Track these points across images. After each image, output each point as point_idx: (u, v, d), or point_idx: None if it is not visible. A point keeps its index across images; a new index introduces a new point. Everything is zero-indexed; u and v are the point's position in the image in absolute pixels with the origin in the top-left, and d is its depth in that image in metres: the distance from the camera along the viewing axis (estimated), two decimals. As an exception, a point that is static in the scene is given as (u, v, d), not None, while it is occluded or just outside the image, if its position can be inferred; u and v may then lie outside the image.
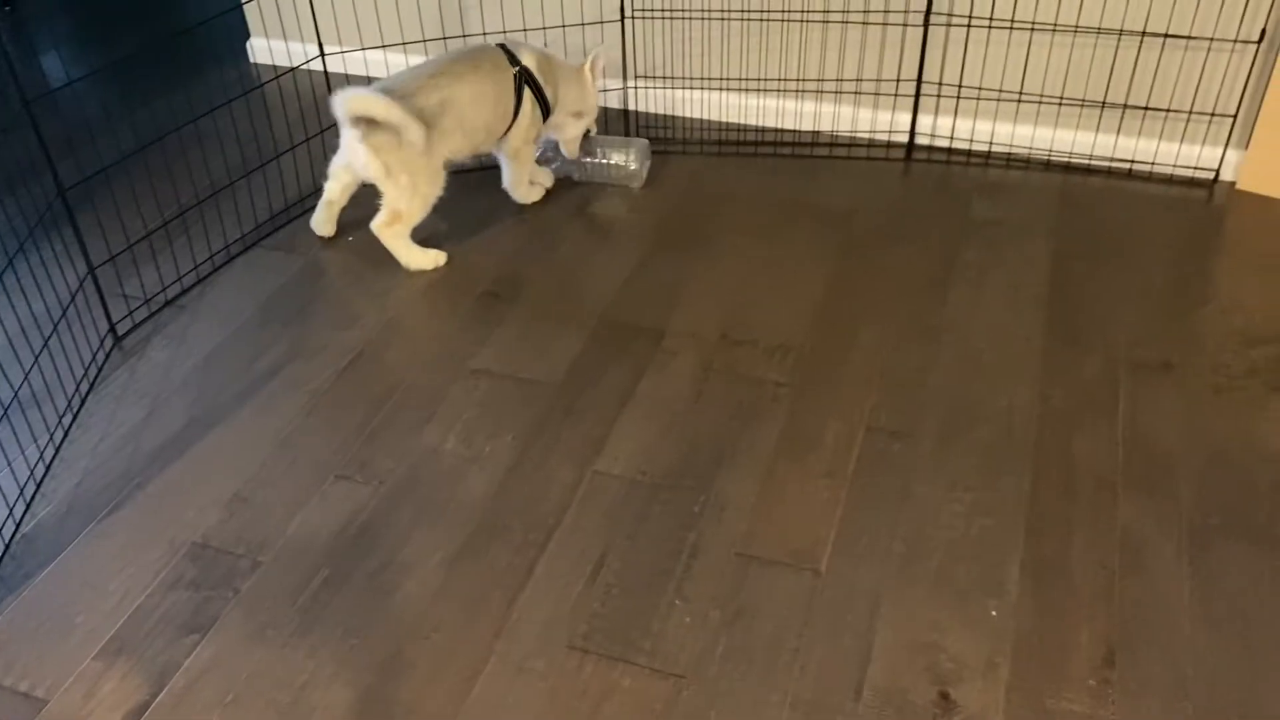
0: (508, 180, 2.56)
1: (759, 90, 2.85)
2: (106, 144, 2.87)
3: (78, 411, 2.02)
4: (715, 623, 1.59)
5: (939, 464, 1.84)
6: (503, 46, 2.41)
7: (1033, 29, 2.54)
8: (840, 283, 2.30)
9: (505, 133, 2.44)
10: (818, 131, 2.86)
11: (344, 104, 2.17)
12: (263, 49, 3.28)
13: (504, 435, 1.93)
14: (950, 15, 2.58)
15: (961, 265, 2.34)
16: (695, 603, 1.62)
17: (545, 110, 2.47)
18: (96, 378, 2.11)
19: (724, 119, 2.93)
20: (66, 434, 1.97)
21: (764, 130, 2.89)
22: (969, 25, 2.58)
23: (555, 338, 2.17)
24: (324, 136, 2.75)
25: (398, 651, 1.56)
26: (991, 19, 2.55)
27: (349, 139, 2.25)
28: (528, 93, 2.42)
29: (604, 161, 2.64)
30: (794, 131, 2.87)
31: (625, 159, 2.63)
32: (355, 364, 2.12)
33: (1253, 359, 2.06)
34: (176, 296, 2.32)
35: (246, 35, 3.32)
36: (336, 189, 2.43)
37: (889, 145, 2.79)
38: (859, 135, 2.83)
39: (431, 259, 2.38)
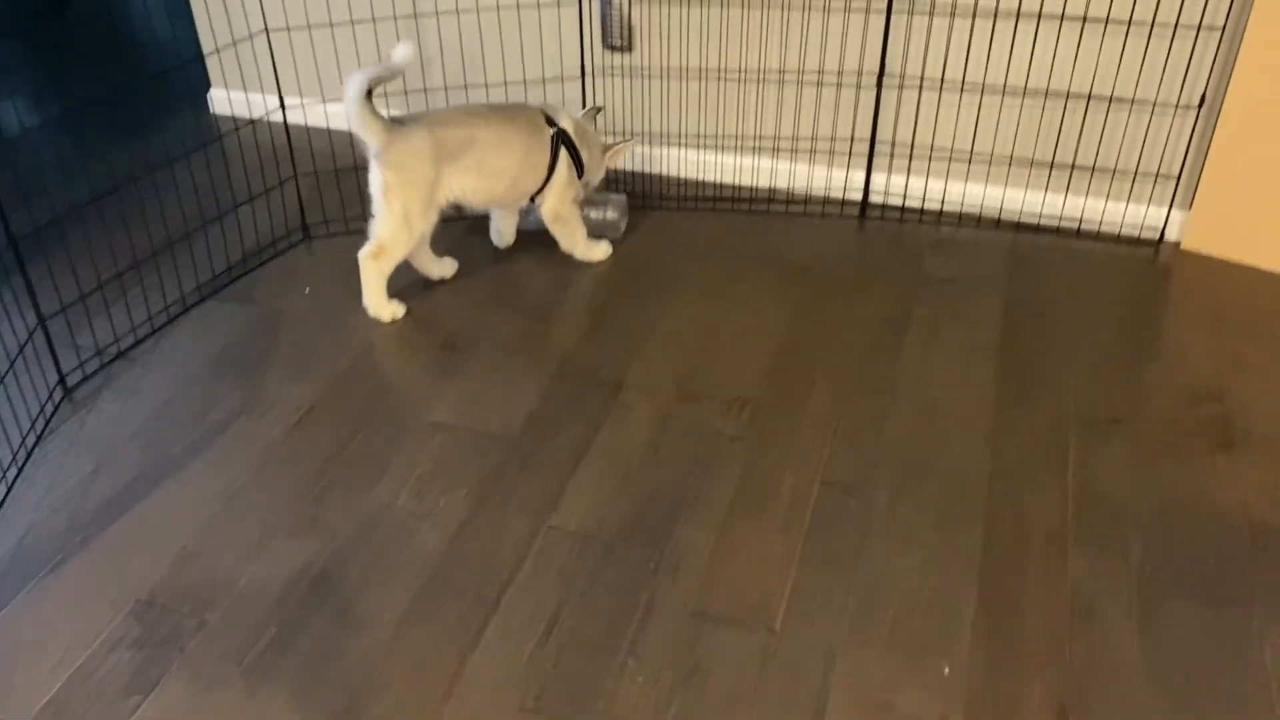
0: (563, 244, 2.57)
1: (717, 147, 2.89)
2: (62, 193, 2.84)
3: (23, 465, 1.99)
4: (668, 683, 1.58)
5: (893, 519, 1.85)
6: (542, 111, 2.44)
7: (982, 91, 2.60)
8: (797, 336, 2.32)
9: (539, 192, 2.46)
10: (775, 189, 2.90)
11: (349, 90, 2.17)
12: (223, 100, 3.28)
13: (458, 490, 1.92)
14: (902, 77, 2.64)
15: (915, 320, 2.37)
16: (648, 662, 1.61)
17: (580, 173, 2.49)
18: (44, 430, 2.07)
19: (683, 175, 2.96)
20: (10, 488, 1.93)
21: (723, 186, 2.93)
22: (920, 87, 2.64)
23: (513, 390, 2.16)
24: (282, 188, 2.75)
25: (346, 712, 1.53)
26: (942, 81, 2.61)
27: (369, 156, 2.27)
28: (564, 153, 2.44)
29: (585, 215, 2.66)
30: (752, 188, 2.91)
31: (603, 214, 2.68)
32: (308, 418, 2.10)
33: (1198, 415, 2.09)
34: (129, 348, 2.29)
35: (207, 86, 3.32)
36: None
37: (844, 203, 2.84)
38: (815, 192, 2.87)
39: (390, 312, 2.38)
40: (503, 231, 2.63)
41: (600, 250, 2.60)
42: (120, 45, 3.79)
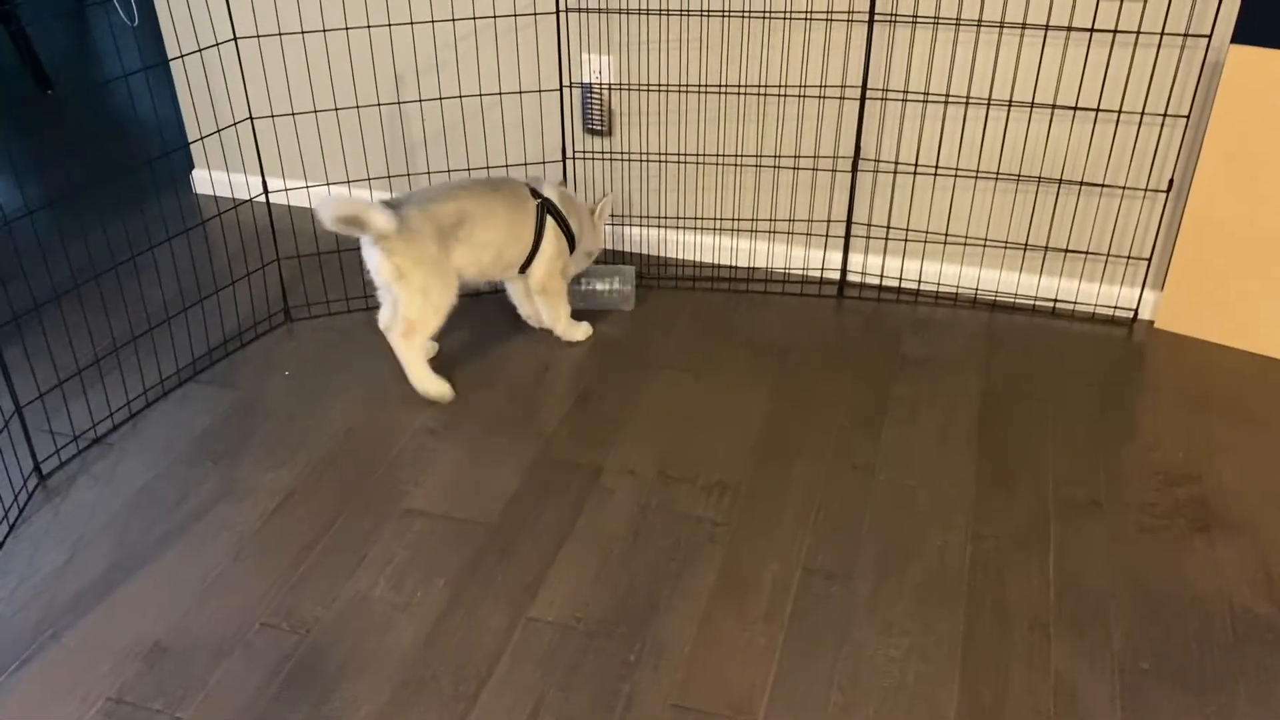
0: (546, 318, 2.58)
1: (696, 228, 2.93)
2: (41, 278, 2.85)
3: (-6, 556, 1.96)
4: (650, 779, 1.55)
5: (875, 606, 1.84)
6: (526, 184, 2.47)
7: (956, 175, 2.65)
8: (776, 418, 2.33)
9: (527, 265, 2.47)
10: (754, 268, 2.93)
11: (327, 213, 2.17)
12: (205, 181, 3.31)
13: (436, 580, 1.90)
14: (878, 161, 2.69)
15: (894, 401, 2.38)
16: (629, 757, 1.58)
17: (571, 243, 2.52)
18: (17, 519, 2.05)
19: (663, 254, 2.99)
20: (-20, 580, 1.91)
21: (702, 265, 2.96)
22: (895, 171, 2.69)
23: (493, 475, 2.16)
24: (264, 271, 2.76)
25: (319, 815, 1.50)
26: (916, 165, 2.66)
27: (365, 246, 2.27)
28: (551, 224, 2.46)
29: (594, 288, 2.72)
30: (732, 268, 2.94)
31: (611, 285, 2.73)
32: (286, 504, 2.08)
33: (1176, 497, 2.10)
34: (106, 434, 2.28)
35: (190, 166, 3.35)
36: (388, 315, 2.42)
37: (822, 282, 2.87)
38: (793, 272, 2.90)
39: (439, 388, 2.37)
40: (531, 314, 2.63)
41: (581, 330, 2.62)
42: (105, 129, 3.83)
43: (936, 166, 2.65)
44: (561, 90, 2.78)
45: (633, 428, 2.30)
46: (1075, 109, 2.49)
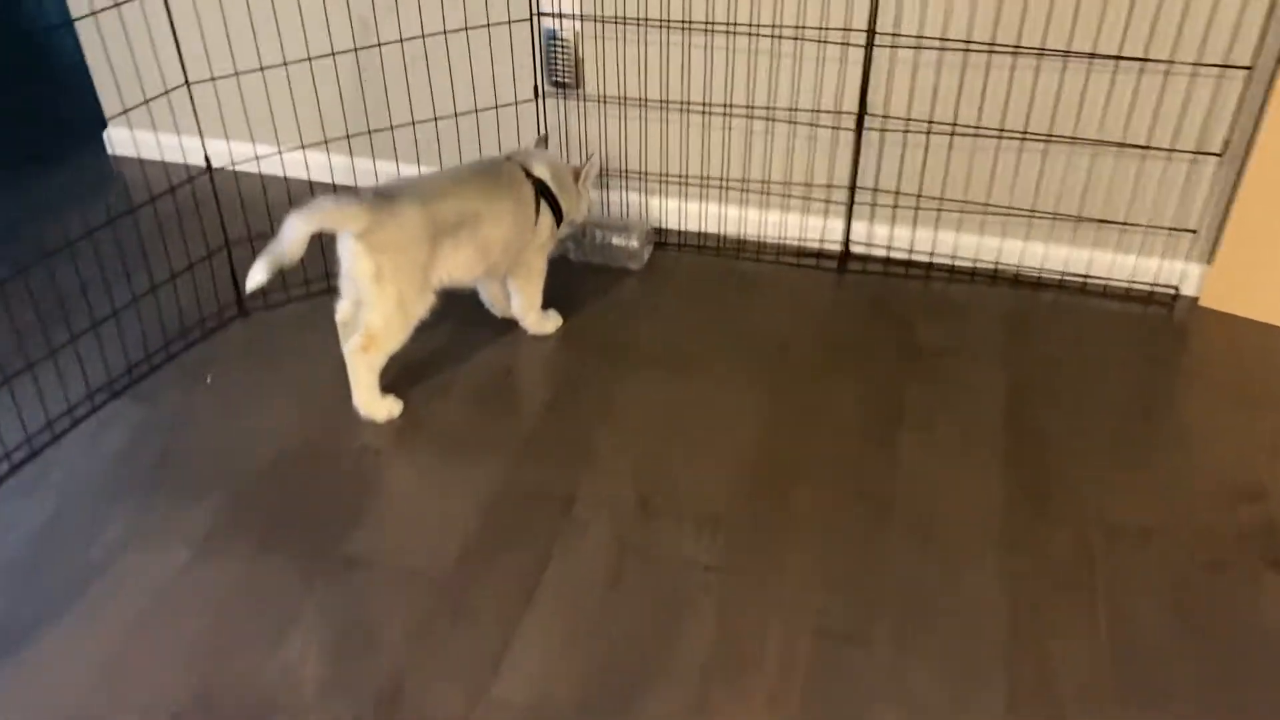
0: (519, 306, 2.26)
1: (679, 191, 2.58)
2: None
3: None
4: None
5: (899, 675, 1.56)
6: (510, 159, 2.15)
7: (976, 134, 2.31)
8: (774, 429, 2.02)
9: None
10: (744, 237, 2.59)
11: (296, 234, 1.83)
12: (125, 141, 2.91)
13: (378, 652, 1.60)
14: (886, 117, 2.34)
15: (908, 406, 2.08)
16: None
17: (558, 219, 2.21)
18: (-118, 577, 1.73)
19: (642, 219, 2.64)
20: None
21: (686, 234, 2.61)
22: (906, 130, 2.34)
23: (447, 510, 1.85)
24: (211, 261, 2.37)
25: None
26: (931, 123, 2.31)
27: (342, 236, 1.92)
28: (544, 207, 2.15)
29: (610, 242, 2.49)
30: (718, 236, 2.60)
31: (626, 241, 2.47)
32: (202, 553, 1.77)
33: (1240, 522, 1.82)
34: (6, 475, 1.93)
35: (101, 124, 2.94)
36: (346, 307, 2.07)
37: (821, 254, 2.54)
38: (788, 242, 2.57)
39: (385, 410, 2.05)
40: (496, 300, 2.30)
41: (551, 322, 2.29)
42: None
43: (954, 125, 2.30)
44: (532, 19, 2.40)
45: (609, 444, 1.99)
46: (1117, 59, 2.14)
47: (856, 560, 1.75)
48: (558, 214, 2.19)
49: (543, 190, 2.15)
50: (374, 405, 2.03)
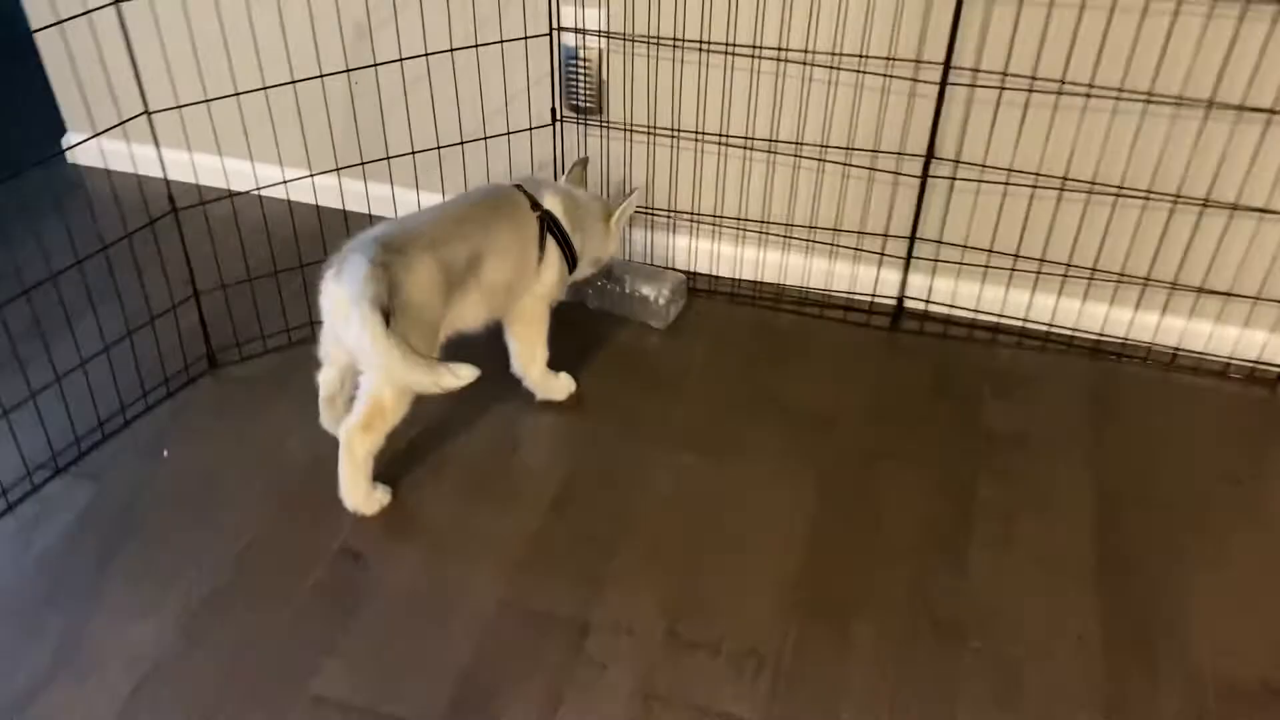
0: (517, 359, 1.94)
1: (712, 232, 2.27)
2: None
3: None
4: None
5: None
6: (520, 187, 1.84)
7: (1063, 188, 1.99)
8: (822, 533, 1.73)
9: None
10: (783, 284, 2.29)
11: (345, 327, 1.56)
12: (89, 151, 2.59)
13: (350, 840, 1.32)
14: (958, 161, 2.02)
15: (980, 509, 1.78)
16: None
17: (571, 262, 1.90)
18: None
19: (670, 262, 2.33)
20: None
21: (718, 279, 2.31)
22: (981, 179, 2.02)
23: (436, 637, 1.56)
24: (176, 312, 2.05)
25: None
26: (1011, 170, 2.00)
27: (329, 296, 1.62)
28: (551, 243, 1.84)
29: (640, 292, 2.15)
30: (755, 283, 2.30)
31: (660, 293, 2.14)
32: (145, 686, 1.48)
33: (1380, 681, 1.53)
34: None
35: (61, 130, 2.62)
36: (333, 376, 1.78)
37: (871, 310, 2.23)
38: (835, 293, 2.26)
39: (376, 503, 1.75)
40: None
41: (561, 386, 1.99)
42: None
43: (1038, 174, 1.99)
44: (551, 35, 2.08)
45: (630, 552, 1.70)
46: (1240, 109, 1.83)
47: (928, 713, 1.46)
48: (569, 254, 1.89)
49: (551, 225, 1.85)
50: (364, 498, 1.73)
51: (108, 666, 1.50)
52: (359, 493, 1.72)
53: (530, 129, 2.19)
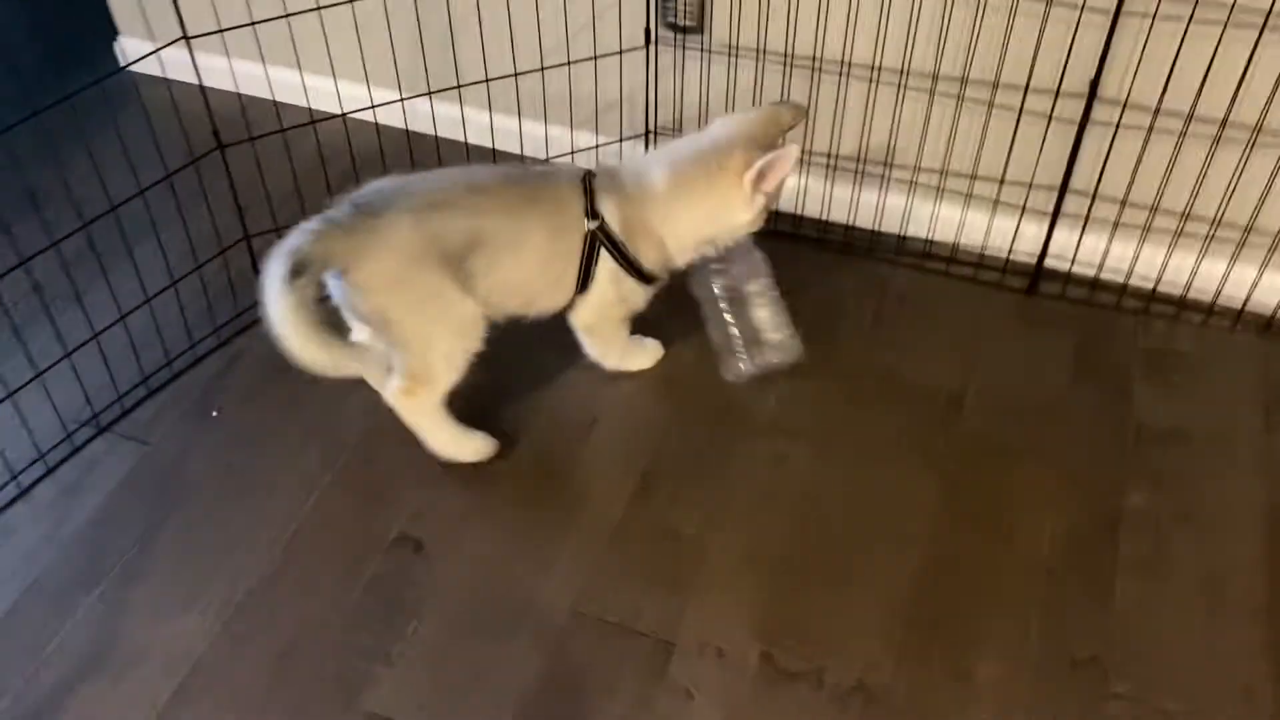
0: (593, 352, 1.72)
1: (825, 172, 2.00)
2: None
3: None
4: None
5: None
6: (588, 179, 1.55)
7: (1254, 138, 1.67)
8: (942, 543, 1.51)
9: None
10: (904, 237, 2.01)
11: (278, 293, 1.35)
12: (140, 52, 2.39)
13: None
14: (1125, 104, 1.71)
15: (1127, 524, 1.53)
16: None
17: (645, 277, 1.61)
18: None
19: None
20: None
21: (829, 224, 2.04)
22: (1152, 126, 1.71)
23: (499, 651, 1.39)
24: (227, 256, 1.88)
25: None
26: (1191, 116, 1.68)
27: (329, 275, 1.43)
28: (606, 259, 1.56)
29: (751, 315, 1.71)
30: (872, 231, 2.03)
31: (781, 335, 1.72)
32: (185, 690, 1.35)
33: None
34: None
35: (113, 33, 2.42)
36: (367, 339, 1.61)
37: (1006, 269, 1.94)
38: (965, 247, 1.98)
39: (473, 449, 1.59)
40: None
41: (643, 355, 1.76)
42: None
43: (1223, 122, 1.67)
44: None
45: (722, 555, 1.50)
46: None
47: (1063, 792, 1.26)
48: (638, 270, 1.59)
49: (607, 241, 1.54)
50: (455, 445, 1.59)
51: (141, 671, 1.37)
52: (442, 443, 1.58)
53: (620, 52, 1.92)
